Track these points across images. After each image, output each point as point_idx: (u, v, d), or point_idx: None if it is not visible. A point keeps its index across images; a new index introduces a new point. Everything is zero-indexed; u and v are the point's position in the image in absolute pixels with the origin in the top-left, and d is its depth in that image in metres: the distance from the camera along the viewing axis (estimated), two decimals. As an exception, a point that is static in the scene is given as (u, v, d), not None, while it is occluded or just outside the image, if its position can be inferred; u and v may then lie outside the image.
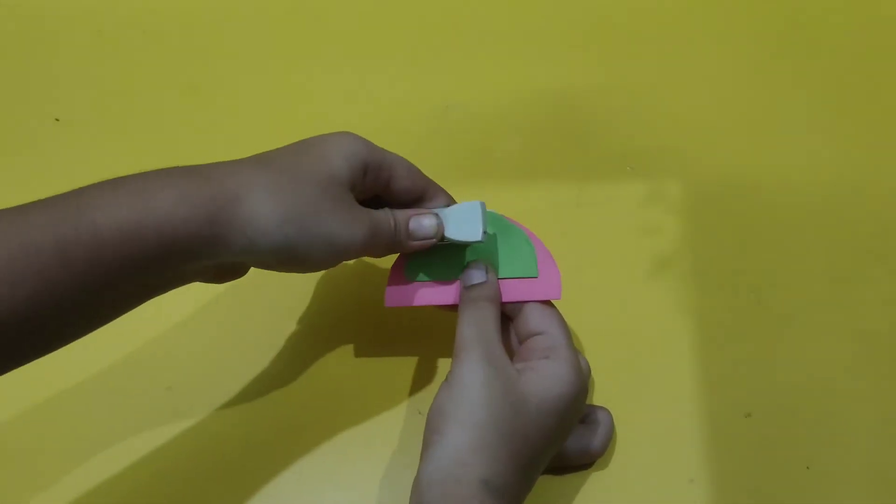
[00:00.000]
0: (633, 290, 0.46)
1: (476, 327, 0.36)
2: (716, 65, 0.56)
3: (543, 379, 0.35)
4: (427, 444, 0.33)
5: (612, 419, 0.41)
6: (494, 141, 0.52)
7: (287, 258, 0.34)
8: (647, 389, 0.43)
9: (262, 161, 0.35)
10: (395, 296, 0.40)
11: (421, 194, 0.39)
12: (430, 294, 0.40)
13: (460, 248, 0.40)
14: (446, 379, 0.35)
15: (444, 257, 0.40)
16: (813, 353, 0.44)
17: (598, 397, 0.42)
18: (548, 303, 0.39)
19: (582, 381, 0.36)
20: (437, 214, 0.38)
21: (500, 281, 0.39)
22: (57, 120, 0.54)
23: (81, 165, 0.52)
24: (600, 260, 0.47)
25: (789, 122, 0.53)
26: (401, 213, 0.38)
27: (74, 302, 0.29)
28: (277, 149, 0.36)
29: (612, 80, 0.55)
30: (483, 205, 0.38)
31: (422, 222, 0.38)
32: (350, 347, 0.45)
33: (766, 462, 0.41)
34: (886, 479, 0.40)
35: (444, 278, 0.40)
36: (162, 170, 0.33)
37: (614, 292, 0.46)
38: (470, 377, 0.34)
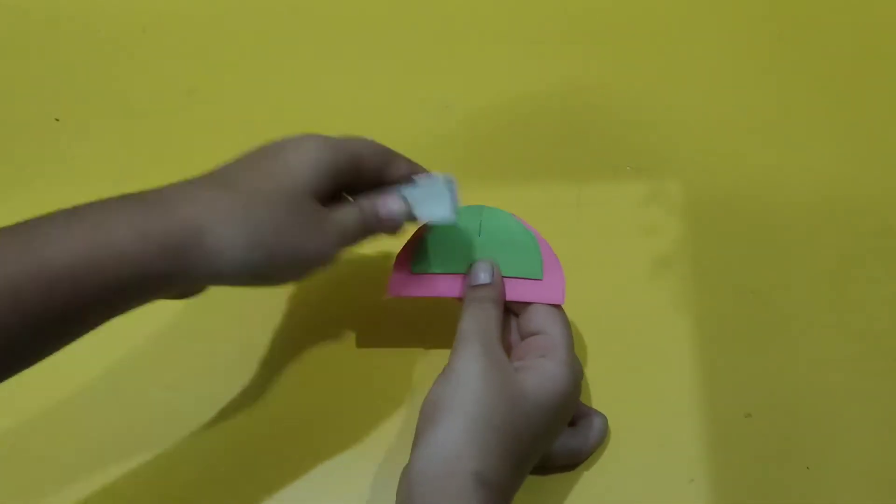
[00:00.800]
0: (633, 290, 0.46)
1: (477, 324, 0.36)
2: (716, 65, 0.56)
3: (539, 377, 0.35)
4: (420, 435, 0.33)
5: (605, 424, 0.41)
6: (494, 140, 0.52)
7: (254, 281, 0.34)
8: (648, 389, 0.43)
9: (221, 182, 0.34)
10: (399, 286, 0.40)
11: (386, 167, 0.38)
12: (435, 286, 0.40)
13: (467, 241, 0.40)
14: (443, 372, 0.35)
15: (451, 251, 0.40)
16: (813, 353, 0.44)
17: (597, 397, 0.42)
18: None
19: (575, 383, 0.36)
20: (404, 197, 0.38)
21: (504, 279, 0.40)
22: (57, 120, 0.54)
23: (81, 165, 0.52)
24: (600, 260, 0.47)
25: (789, 121, 0.53)
26: (367, 203, 0.37)
27: (27, 339, 0.29)
28: (236, 161, 0.35)
29: (613, 79, 0.55)
30: (451, 182, 0.38)
31: (391, 208, 0.37)
32: (350, 342, 0.45)
33: (766, 462, 0.41)
34: (886, 479, 0.40)
35: (450, 271, 0.40)
36: (118, 200, 0.31)
37: (614, 292, 0.46)
38: (466, 369, 0.34)
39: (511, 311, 0.40)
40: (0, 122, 0.54)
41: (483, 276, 0.39)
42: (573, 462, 0.40)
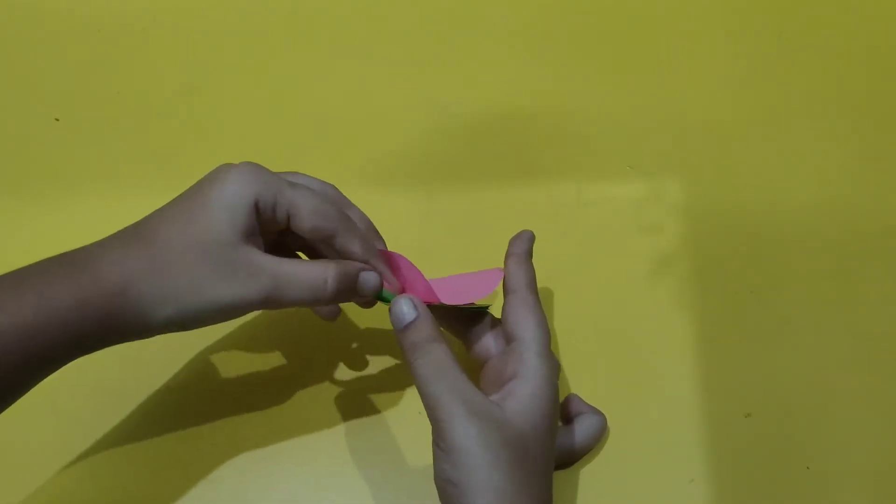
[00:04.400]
0: (633, 290, 0.46)
1: (440, 380, 0.34)
2: (716, 65, 0.56)
3: (524, 405, 0.34)
4: None
5: (602, 422, 0.40)
6: (494, 141, 0.52)
7: (180, 328, 0.34)
8: (648, 389, 0.43)
9: (141, 237, 0.34)
10: None
11: (327, 238, 0.36)
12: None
13: None
14: (436, 443, 0.33)
15: None
16: (813, 353, 0.44)
17: (598, 397, 0.42)
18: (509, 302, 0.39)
19: (552, 386, 0.35)
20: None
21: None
22: (57, 120, 0.54)
23: (81, 165, 0.52)
24: (600, 260, 0.47)
25: (789, 121, 0.53)
26: (345, 266, 0.36)
27: None
28: (165, 206, 0.35)
29: (612, 79, 0.55)
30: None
31: (368, 279, 0.36)
32: (350, 346, 0.45)
33: (766, 462, 0.41)
34: (886, 479, 0.40)
35: None
36: (56, 265, 0.33)
37: (614, 292, 0.46)
38: (466, 441, 0.32)
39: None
40: (0, 122, 0.54)
41: (407, 314, 0.35)
42: (567, 461, 0.40)
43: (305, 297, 0.35)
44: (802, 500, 0.40)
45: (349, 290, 0.36)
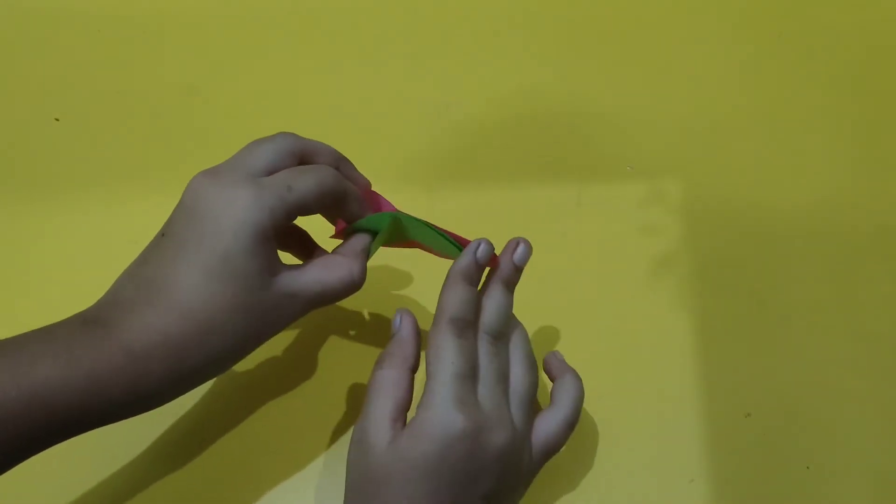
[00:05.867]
0: (633, 290, 0.46)
1: (376, 389, 0.34)
2: (716, 65, 0.56)
3: (416, 439, 0.32)
4: None
5: (576, 391, 0.37)
6: (494, 141, 0.53)
7: (205, 377, 0.34)
8: (648, 389, 0.43)
9: (153, 290, 0.32)
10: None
11: (335, 208, 0.37)
12: None
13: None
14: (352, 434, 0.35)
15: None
16: (813, 353, 0.44)
17: (597, 397, 0.42)
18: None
19: (471, 417, 0.32)
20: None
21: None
22: (57, 120, 0.54)
23: (81, 165, 0.52)
24: (600, 260, 0.47)
25: (789, 121, 0.53)
26: (356, 253, 0.36)
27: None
28: (165, 242, 0.33)
29: (613, 79, 0.55)
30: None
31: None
32: (353, 348, 0.45)
33: (766, 462, 0.41)
34: (886, 479, 0.40)
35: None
36: (81, 326, 0.31)
37: (614, 292, 0.46)
38: (349, 455, 0.34)
39: None
40: (0, 122, 0.54)
41: (397, 326, 0.37)
42: (560, 441, 0.36)
43: (342, 296, 0.36)
44: (802, 500, 0.40)
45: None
